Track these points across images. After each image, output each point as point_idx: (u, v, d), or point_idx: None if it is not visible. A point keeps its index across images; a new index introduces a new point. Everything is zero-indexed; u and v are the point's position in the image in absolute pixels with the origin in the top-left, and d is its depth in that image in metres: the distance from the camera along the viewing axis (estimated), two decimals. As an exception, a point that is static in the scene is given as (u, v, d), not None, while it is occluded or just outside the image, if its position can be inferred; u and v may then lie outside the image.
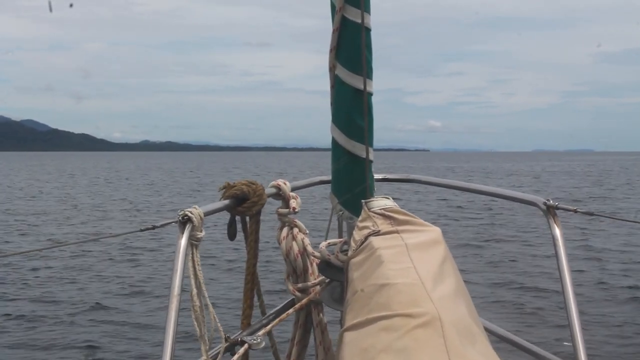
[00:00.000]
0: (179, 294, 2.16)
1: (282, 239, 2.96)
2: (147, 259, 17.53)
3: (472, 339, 1.85)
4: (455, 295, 2.01)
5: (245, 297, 2.87)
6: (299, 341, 3.03)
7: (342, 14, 2.94)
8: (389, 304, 1.91)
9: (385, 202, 2.50)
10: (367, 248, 2.25)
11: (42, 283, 14.64)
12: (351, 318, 2.01)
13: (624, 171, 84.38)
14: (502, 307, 12.15)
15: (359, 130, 2.97)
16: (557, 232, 2.61)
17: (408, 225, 2.32)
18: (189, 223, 2.33)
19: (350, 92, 2.97)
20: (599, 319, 11.23)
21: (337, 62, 3.02)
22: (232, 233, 2.85)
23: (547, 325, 10.87)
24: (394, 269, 2.05)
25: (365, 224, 2.40)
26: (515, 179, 62.66)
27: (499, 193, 3.21)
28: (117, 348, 10.16)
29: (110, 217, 29.28)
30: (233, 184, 2.81)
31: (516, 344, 2.97)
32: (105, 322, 11.51)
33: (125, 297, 13.43)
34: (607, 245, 19.43)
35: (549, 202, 2.67)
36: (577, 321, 2.39)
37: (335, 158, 3.09)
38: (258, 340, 2.53)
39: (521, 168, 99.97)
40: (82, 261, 17.16)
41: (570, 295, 2.45)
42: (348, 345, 1.93)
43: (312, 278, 2.99)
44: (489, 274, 15.31)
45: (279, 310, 2.99)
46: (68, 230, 24.55)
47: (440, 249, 2.21)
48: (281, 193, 2.98)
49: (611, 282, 14.26)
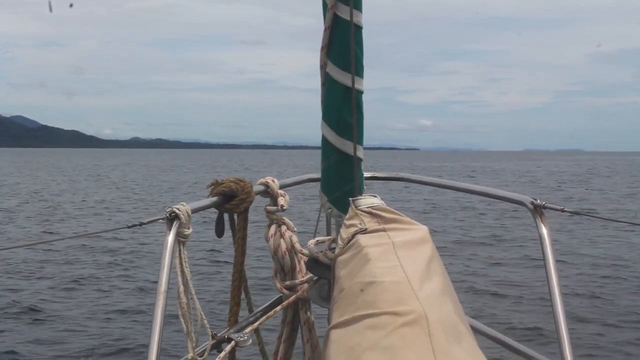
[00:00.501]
0: (165, 290, 2.15)
1: (270, 237, 2.95)
2: (133, 256, 17.47)
3: (459, 338, 1.86)
4: (442, 294, 2.01)
5: (232, 294, 2.86)
6: (286, 339, 3.03)
7: (334, 11, 2.93)
8: (376, 302, 1.91)
9: (372, 200, 2.50)
10: (354, 246, 2.25)
11: (24, 279, 14.56)
12: (338, 316, 2.01)
13: (609, 171, 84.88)
14: (489, 306, 12.20)
15: (349, 128, 2.97)
16: (544, 231, 2.62)
17: (395, 224, 2.33)
18: (176, 220, 2.32)
19: (340, 90, 2.97)
20: (586, 318, 11.31)
21: (328, 59, 3.02)
22: (220, 230, 2.84)
23: (533, 323, 10.93)
24: (380, 267, 2.05)
25: (352, 222, 2.40)
26: (495, 178, 62.95)
27: (487, 192, 3.22)
28: (103, 344, 10.12)
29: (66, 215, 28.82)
30: (221, 181, 2.80)
31: (502, 343, 2.98)
32: (91, 319, 11.46)
33: (111, 293, 13.38)
34: (593, 244, 19.56)
35: (537, 202, 2.68)
36: (563, 319, 2.40)
37: (325, 156, 3.09)
38: (245, 338, 2.52)
39: (505, 167, 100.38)
40: (64, 258, 17.04)
41: (557, 294, 2.46)
42: (334, 343, 1.93)
43: (300, 276, 2.98)
44: (475, 272, 15.37)
45: (266, 308, 2.99)
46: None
47: (427, 248, 2.21)
48: (269, 190, 2.97)
49: (597, 282, 14.37)
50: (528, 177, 65.67)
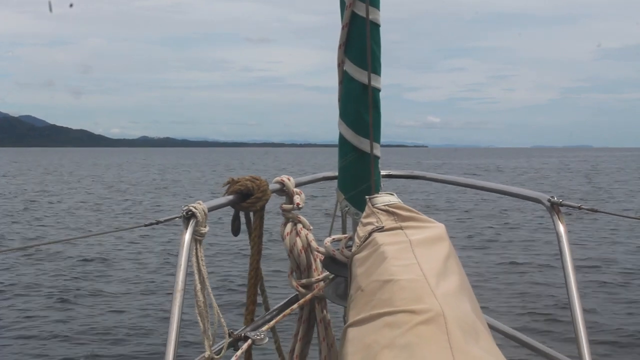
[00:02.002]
0: (182, 289, 2.16)
1: (286, 235, 2.96)
2: (150, 254, 17.58)
3: (476, 336, 1.85)
4: (459, 292, 2.00)
5: (248, 293, 2.87)
6: (303, 337, 3.03)
7: (352, 9, 2.94)
8: (393, 300, 1.91)
9: (389, 198, 2.49)
10: (370, 244, 2.25)
11: (41, 277, 14.70)
12: (354, 314, 2.01)
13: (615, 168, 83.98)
14: (506, 304, 12.13)
15: (367, 126, 2.97)
16: (562, 229, 2.60)
17: (412, 222, 2.32)
18: (192, 218, 2.33)
19: (358, 88, 2.97)
20: (604, 317, 11.21)
21: (346, 57, 3.02)
22: (236, 228, 2.85)
23: (551, 322, 10.86)
24: (397, 265, 2.05)
25: (369, 220, 2.40)
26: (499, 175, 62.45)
27: (504, 190, 3.20)
28: (120, 343, 10.18)
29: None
30: (237, 179, 2.80)
31: (520, 341, 2.96)
32: (108, 317, 11.54)
33: (128, 292, 13.47)
34: (611, 241, 19.41)
35: (553, 199, 2.66)
36: (581, 318, 2.38)
37: (342, 154, 3.09)
38: (261, 336, 2.53)
39: (509, 164, 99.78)
40: (82, 256, 17.17)
41: (574, 292, 2.44)
42: (351, 341, 1.93)
43: (316, 274, 2.99)
44: (492, 270, 15.29)
45: (282, 306, 2.99)
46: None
47: (445, 246, 2.20)
48: (285, 189, 2.97)
49: (616, 280, 14.23)
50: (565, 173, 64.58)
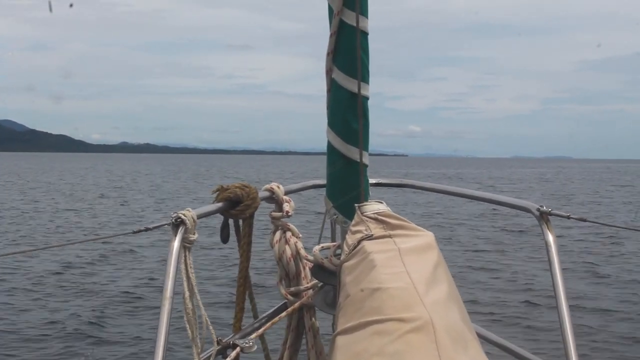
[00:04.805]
0: (171, 296, 2.15)
1: (275, 243, 2.95)
2: (138, 262, 17.48)
3: (465, 345, 1.85)
4: (448, 301, 2.00)
5: (237, 300, 2.86)
6: (291, 345, 3.02)
7: (341, 17, 2.94)
8: (382, 309, 1.91)
9: (378, 206, 2.49)
10: (359, 252, 2.24)
11: (25, 287, 14.53)
12: (343, 322, 2.01)
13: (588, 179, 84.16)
14: (495, 313, 12.15)
15: (355, 134, 2.97)
16: (551, 238, 2.61)
17: (401, 230, 2.32)
18: (181, 225, 2.32)
19: (346, 96, 2.97)
20: (592, 325, 11.24)
21: (334, 65, 3.02)
22: (225, 236, 2.84)
23: (540, 331, 10.88)
24: (386, 274, 2.05)
25: (358, 228, 2.39)
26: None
27: (493, 199, 3.21)
28: (108, 350, 10.11)
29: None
30: (226, 186, 2.80)
31: (508, 350, 2.96)
32: (96, 325, 11.44)
33: (116, 300, 13.35)
34: (597, 250, 19.50)
35: (543, 208, 2.67)
36: (569, 326, 2.39)
37: (331, 162, 3.09)
38: (250, 344, 2.52)
39: (482, 173, 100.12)
40: (67, 263, 17.00)
41: (563, 301, 2.44)
42: (340, 349, 1.93)
43: (305, 282, 2.98)
44: (481, 279, 15.31)
45: (271, 314, 2.98)
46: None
47: (433, 254, 2.20)
48: (274, 196, 2.97)
49: (604, 290, 14.29)
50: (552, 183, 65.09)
